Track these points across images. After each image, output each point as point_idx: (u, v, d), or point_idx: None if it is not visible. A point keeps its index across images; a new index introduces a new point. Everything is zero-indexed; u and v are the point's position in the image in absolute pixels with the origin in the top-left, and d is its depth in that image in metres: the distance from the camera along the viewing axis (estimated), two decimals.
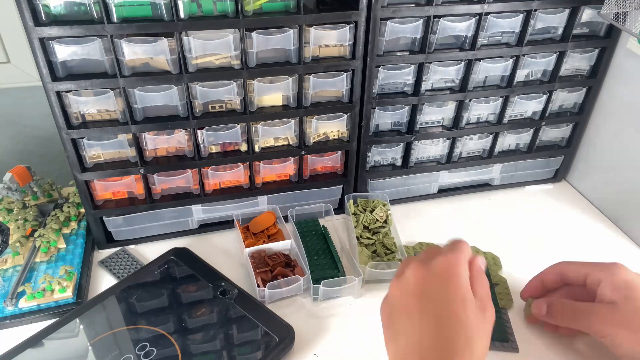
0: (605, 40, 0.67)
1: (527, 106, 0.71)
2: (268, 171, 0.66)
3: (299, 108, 0.60)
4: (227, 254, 0.65)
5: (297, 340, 0.52)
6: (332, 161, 0.68)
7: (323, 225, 0.68)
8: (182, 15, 0.51)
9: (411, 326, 0.41)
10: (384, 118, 0.66)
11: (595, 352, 0.52)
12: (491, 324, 0.42)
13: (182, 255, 0.61)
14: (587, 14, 0.64)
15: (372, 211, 0.68)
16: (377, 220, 0.67)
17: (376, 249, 0.63)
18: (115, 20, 0.50)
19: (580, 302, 0.49)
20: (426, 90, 0.65)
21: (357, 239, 0.64)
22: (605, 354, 0.51)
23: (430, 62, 0.62)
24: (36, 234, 0.62)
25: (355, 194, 0.70)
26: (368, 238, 0.64)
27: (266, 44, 0.55)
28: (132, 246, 0.66)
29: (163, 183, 0.62)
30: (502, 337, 0.53)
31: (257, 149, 0.63)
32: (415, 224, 0.70)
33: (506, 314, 0.56)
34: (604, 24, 0.67)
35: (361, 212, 0.68)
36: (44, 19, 0.49)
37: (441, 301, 0.41)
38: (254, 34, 0.53)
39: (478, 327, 0.40)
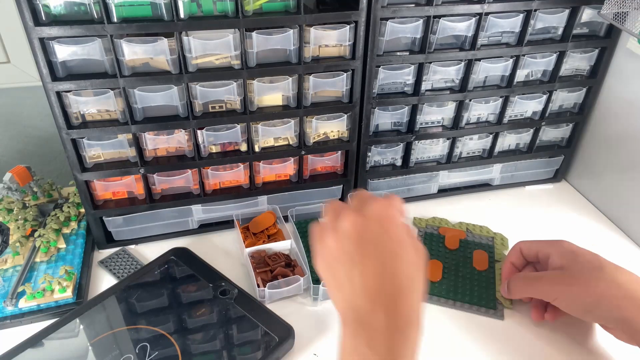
0: (605, 40, 0.67)
1: (527, 106, 0.71)
2: (268, 171, 0.66)
3: (299, 108, 0.60)
4: (227, 254, 0.65)
5: (297, 340, 0.52)
6: (332, 161, 0.68)
7: None
8: (182, 15, 0.51)
9: (357, 272, 0.41)
10: (384, 118, 0.66)
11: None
12: (424, 259, 0.43)
13: (182, 255, 0.61)
14: (587, 14, 0.64)
15: None
16: None
17: None
18: (115, 20, 0.50)
19: (532, 272, 0.54)
20: (426, 90, 0.65)
21: None
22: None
23: (430, 62, 0.62)
24: (36, 234, 0.62)
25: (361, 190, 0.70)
26: None
27: (266, 44, 0.55)
28: (132, 246, 0.66)
29: (163, 183, 0.62)
30: (492, 305, 0.57)
31: (257, 149, 0.63)
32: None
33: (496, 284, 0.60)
34: (604, 24, 0.67)
35: None
36: (44, 19, 0.49)
37: (382, 243, 0.42)
38: (254, 34, 0.53)
39: (417, 263, 0.42)
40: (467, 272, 0.62)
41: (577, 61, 0.69)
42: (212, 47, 0.53)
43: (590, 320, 0.49)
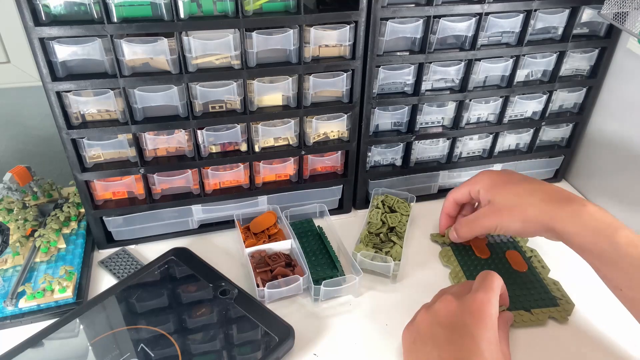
0: (605, 40, 0.67)
1: (527, 106, 0.71)
2: (268, 171, 0.66)
3: (299, 108, 0.60)
4: (227, 254, 0.65)
5: (297, 340, 0.52)
6: (332, 161, 0.68)
7: (319, 226, 0.67)
8: (182, 15, 0.51)
9: (436, 355, 0.44)
10: (384, 118, 0.66)
11: None
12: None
13: (182, 255, 0.61)
14: (587, 14, 0.64)
15: (392, 210, 0.69)
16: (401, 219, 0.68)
17: (380, 241, 0.64)
18: (115, 20, 0.50)
19: (469, 214, 0.61)
20: (426, 90, 0.65)
21: (369, 233, 0.65)
22: None
23: (430, 62, 0.62)
24: (36, 234, 0.62)
25: (384, 189, 0.71)
26: (376, 234, 0.65)
27: (266, 44, 0.55)
28: (132, 246, 0.66)
29: (163, 183, 0.62)
30: (554, 302, 0.58)
31: (257, 149, 0.63)
32: (415, 224, 0.70)
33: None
34: (604, 24, 0.67)
35: (387, 210, 0.69)
36: (44, 19, 0.49)
37: (469, 337, 0.43)
38: (254, 34, 0.53)
39: None
40: (516, 279, 0.60)
41: (577, 61, 0.69)
42: (212, 47, 0.53)
43: (527, 236, 0.59)
